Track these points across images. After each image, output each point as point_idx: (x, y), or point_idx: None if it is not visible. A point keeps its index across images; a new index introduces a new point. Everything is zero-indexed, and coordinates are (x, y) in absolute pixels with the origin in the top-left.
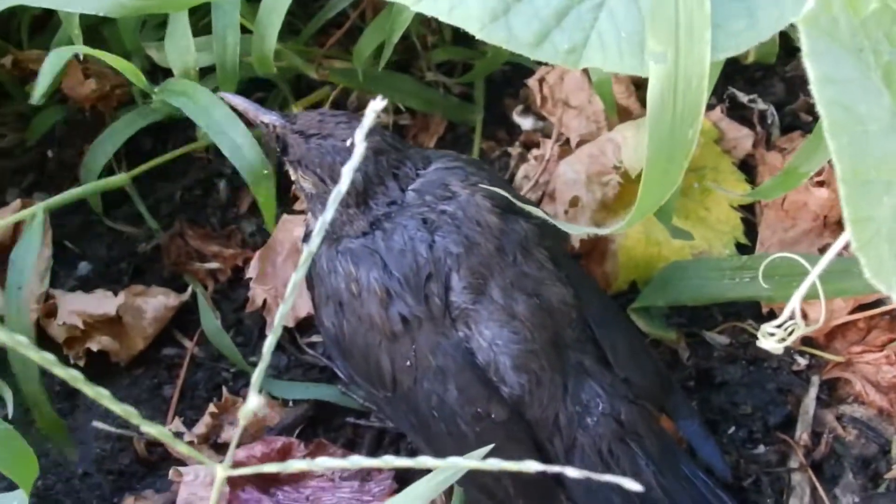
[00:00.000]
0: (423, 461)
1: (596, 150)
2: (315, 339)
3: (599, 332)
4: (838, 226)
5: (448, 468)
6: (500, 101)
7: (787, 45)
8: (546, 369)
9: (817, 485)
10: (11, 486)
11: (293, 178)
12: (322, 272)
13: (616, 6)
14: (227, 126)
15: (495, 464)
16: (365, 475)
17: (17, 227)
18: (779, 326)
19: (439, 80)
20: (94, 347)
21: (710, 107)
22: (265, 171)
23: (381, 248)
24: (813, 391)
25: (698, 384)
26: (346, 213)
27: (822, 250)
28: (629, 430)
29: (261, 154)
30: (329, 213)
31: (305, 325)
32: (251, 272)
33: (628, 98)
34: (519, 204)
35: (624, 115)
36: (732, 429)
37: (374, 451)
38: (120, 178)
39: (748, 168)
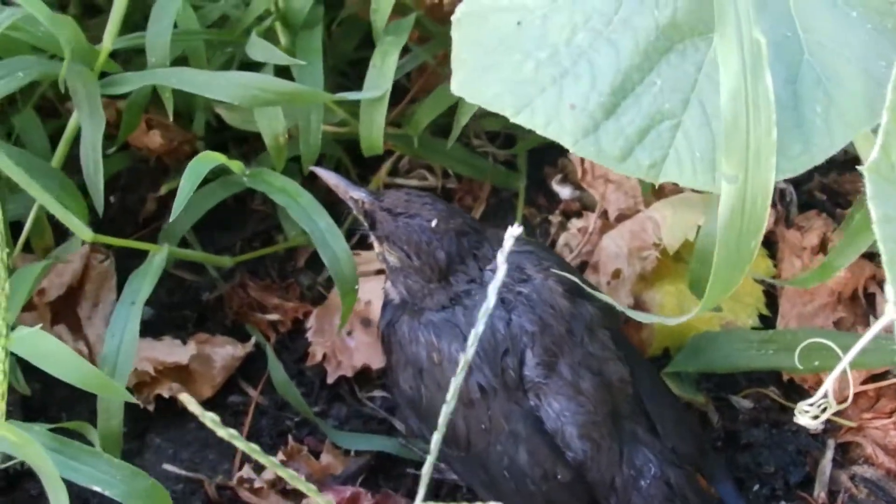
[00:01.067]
0: None
1: (637, 227)
2: (377, 393)
3: (650, 405)
4: (851, 301)
5: None
6: (541, 170)
7: None
8: (605, 438)
9: None
10: None
11: (377, 250)
12: (403, 339)
13: (690, 128)
14: (329, 237)
15: None
16: None
17: (85, 271)
18: (812, 405)
19: (485, 149)
20: (165, 394)
21: None
22: (356, 287)
23: (462, 323)
24: (829, 453)
25: (725, 444)
26: (426, 287)
27: (837, 324)
28: (678, 492)
29: (355, 270)
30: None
31: (364, 377)
32: (311, 329)
33: None
34: (586, 289)
35: (658, 191)
36: (757, 486)
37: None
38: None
39: (768, 244)
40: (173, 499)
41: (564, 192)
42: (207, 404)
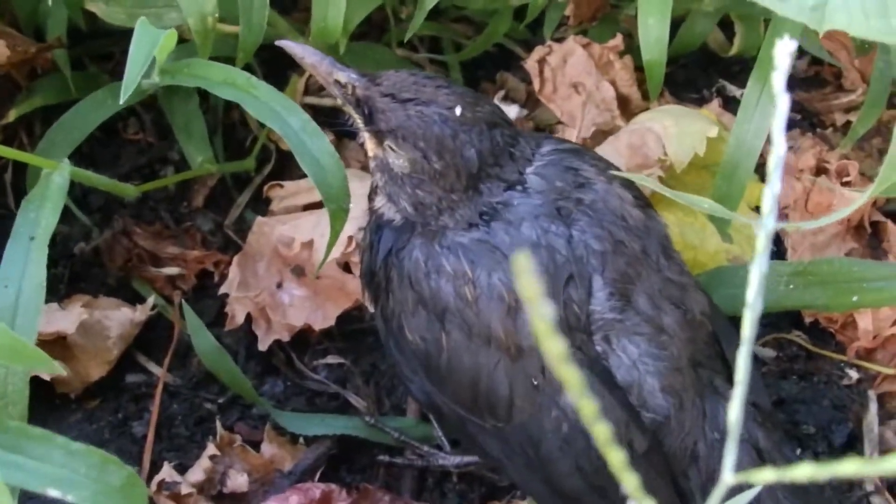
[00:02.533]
0: None
1: (636, 141)
2: (330, 360)
3: (727, 347)
4: (857, 230)
5: None
6: (477, 86)
7: None
8: (688, 390)
9: None
10: None
11: (373, 153)
12: (413, 272)
13: None
14: (307, 137)
15: None
16: None
17: None
18: None
19: (413, 57)
20: (44, 375)
21: (704, 100)
22: (348, 205)
23: (505, 244)
24: (873, 407)
25: None
26: (446, 198)
27: (848, 255)
28: (767, 458)
29: (346, 181)
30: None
31: (303, 341)
32: (230, 284)
33: (630, 87)
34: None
35: (624, 104)
36: (798, 450)
37: (418, 495)
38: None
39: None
40: None
41: (510, 110)
42: (98, 386)
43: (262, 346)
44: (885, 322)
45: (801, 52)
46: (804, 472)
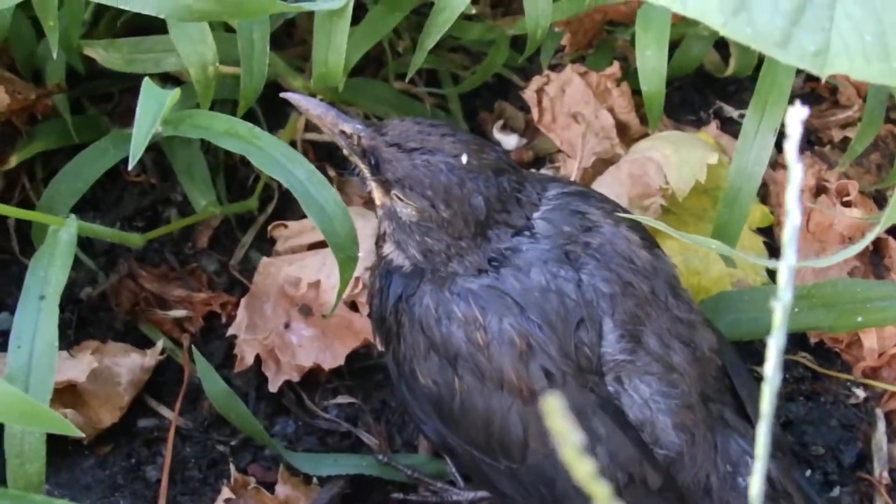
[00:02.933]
0: None
1: (637, 170)
2: (341, 400)
3: (737, 380)
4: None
5: None
6: (475, 117)
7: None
8: (699, 426)
9: None
10: None
11: (380, 202)
12: (423, 318)
13: (850, 6)
14: (313, 187)
15: None
16: None
17: None
18: None
19: (411, 91)
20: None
21: (701, 121)
22: (356, 254)
23: (514, 290)
24: (882, 425)
25: None
26: (455, 245)
27: (851, 274)
28: (780, 488)
29: (354, 230)
30: None
31: (313, 381)
32: (238, 326)
33: (629, 113)
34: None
35: (623, 129)
36: (808, 472)
37: None
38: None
39: None
40: None
41: (509, 141)
42: (110, 432)
43: (273, 387)
44: (891, 340)
45: (797, 70)
46: None
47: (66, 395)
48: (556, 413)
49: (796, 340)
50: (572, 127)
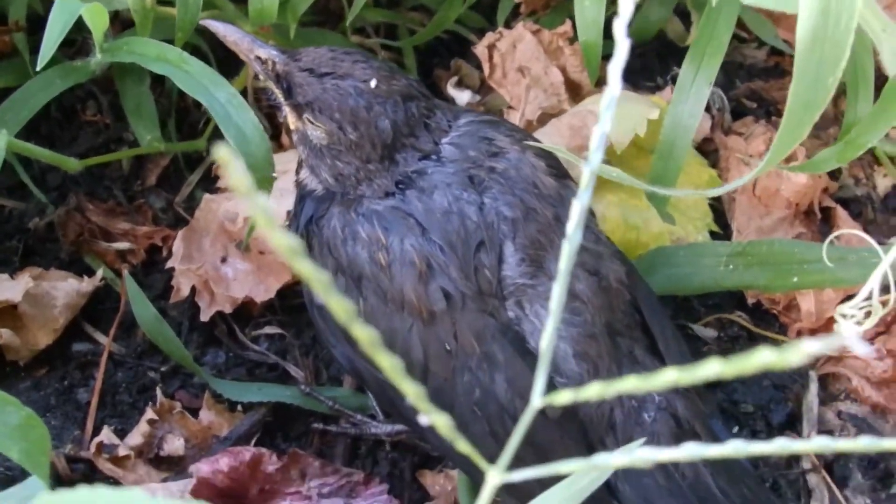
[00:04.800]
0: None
1: (577, 122)
2: (265, 330)
3: (649, 316)
4: (807, 215)
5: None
6: (430, 74)
7: None
8: (604, 357)
9: (833, 487)
10: None
11: (294, 126)
12: (333, 238)
13: None
14: (233, 109)
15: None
16: (350, 490)
17: None
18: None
19: (365, 43)
20: None
21: (658, 87)
22: (272, 174)
23: (418, 211)
24: (814, 387)
25: None
26: (364, 168)
27: (797, 239)
28: (686, 427)
29: (270, 152)
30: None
31: (245, 313)
32: (175, 257)
33: (581, 73)
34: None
35: (574, 89)
36: (736, 429)
37: (350, 462)
38: None
39: (705, 154)
40: (9, 479)
41: (463, 96)
42: (46, 355)
43: (205, 316)
44: (829, 304)
45: (760, 43)
46: (630, 384)
47: (7, 317)
48: None
49: (734, 300)
50: (521, 82)
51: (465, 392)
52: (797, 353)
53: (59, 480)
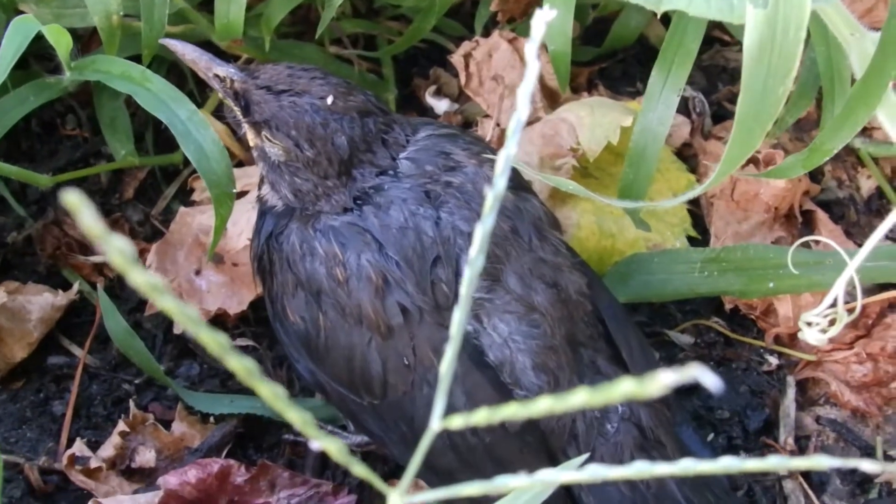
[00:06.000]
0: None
1: (549, 130)
2: (241, 342)
3: (612, 326)
4: (788, 219)
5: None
6: (409, 83)
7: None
8: (564, 368)
9: (809, 492)
10: None
11: (253, 142)
12: (292, 254)
13: None
14: (193, 127)
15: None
16: (319, 500)
17: None
18: (818, 316)
19: (343, 54)
20: None
21: (639, 93)
22: (232, 191)
23: (374, 227)
24: (791, 392)
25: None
26: (321, 185)
27: (776, 243)
28: (650, 437)
29: (230, 168)
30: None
31: (219, 325)
32: (149, 270)
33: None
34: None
35: (551, 97)
36: (711, 435)
37: (320, 473)
38: None
39: (684, 158)
40: None
41: (441, 105)
42: (22, 368)
43: (177, 329)
44: (806, 308)
45: (741, 47)
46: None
47: None
48: None
49: (711, 306)
50: (497, 90)
51: (424, 405)
52: (656, 384)
53: (32, 492)
